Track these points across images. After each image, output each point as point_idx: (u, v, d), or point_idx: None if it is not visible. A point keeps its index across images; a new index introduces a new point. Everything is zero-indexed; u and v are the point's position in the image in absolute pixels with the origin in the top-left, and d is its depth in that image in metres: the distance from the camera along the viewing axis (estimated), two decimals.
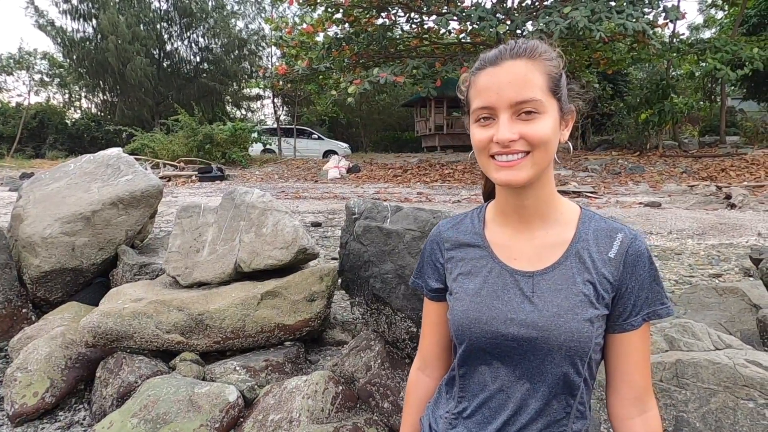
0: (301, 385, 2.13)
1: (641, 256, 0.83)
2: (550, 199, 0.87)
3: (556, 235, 0.86)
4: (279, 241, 2.79)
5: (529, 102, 0.79)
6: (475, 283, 0.88)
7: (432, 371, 1.03)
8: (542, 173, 0.83)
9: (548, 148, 0.81)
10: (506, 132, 0.80)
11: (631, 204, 8.14)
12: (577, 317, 0.80)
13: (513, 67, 0.80)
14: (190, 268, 2.86)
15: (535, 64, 0.81)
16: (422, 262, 1.01)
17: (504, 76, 0.80)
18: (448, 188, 10.64)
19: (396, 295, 2.10)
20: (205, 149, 14.70)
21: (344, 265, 2.27)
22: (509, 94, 0.80)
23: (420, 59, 11.72)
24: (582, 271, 0.83)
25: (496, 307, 0.84)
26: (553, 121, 0.81)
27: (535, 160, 0.81)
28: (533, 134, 0.79)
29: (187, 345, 2.56)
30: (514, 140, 0.80)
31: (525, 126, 0.80)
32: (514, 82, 0.80)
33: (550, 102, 0.81)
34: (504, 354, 0.84)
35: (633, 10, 8.86)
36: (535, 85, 0.79)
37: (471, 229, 0.94)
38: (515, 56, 0.81)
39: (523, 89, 0.79)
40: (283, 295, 2.68)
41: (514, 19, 10.09)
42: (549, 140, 0.80)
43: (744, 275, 3.87)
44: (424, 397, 1.03)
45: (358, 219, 2.21)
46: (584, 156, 13.18)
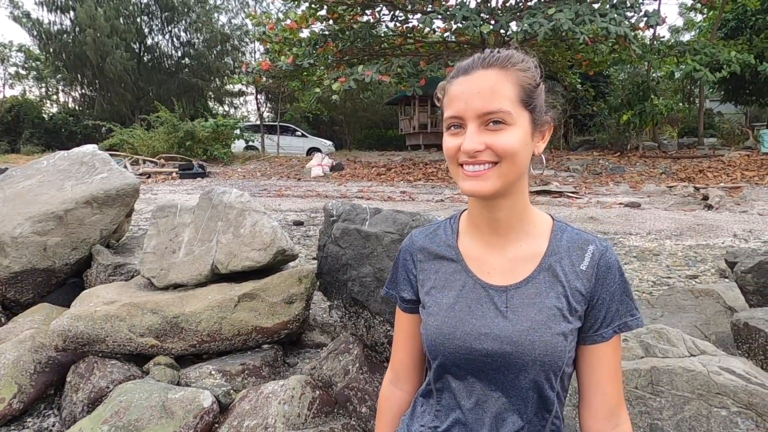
0: (277, 390, 2.10)
1: (612, 269, 0.83)
2: (522, 212, 0.85)
3: (528, 248, 0.85)
4: (257, 242, 2.74)
5: (496, 113, 0.78)
6: (449, 297, 0.87)
7: (404, 384, 1.01)
8: (512, 185, 0.81)
9: (516, 160, 0.79)
10: (472, 142, 0.79)
11: (612, 204, 8.24)
12: (551, 331, 0.79)
13: (483, 78, 0.79)
14: (166, 270, 2.80)
15: (507, 75, 0.79)
16: (395, 272, 0.99)
17: (473, 86, 0.79)
18: (432, 187, 10.65)
19: (374, 299, 2.07)
20: (187, 146, 14.48)
21: (322, 268, 2.24)
22: (477, 104, 0.79)
23: (405, 58, 11.70)
24: (555, 284, 0.82)
25: (469, 323, 0.83)
26: (522, 133, 0.79)
27: (502, 171, 0.79)
28: (499, 145, 0.78)
29: (161, 348, 2.50)
30: (480, 150, 0.79)
31: (492, 137, 0.79)
32: (483, 93, 0.79)
33: (521, 113, 0.79)
34: (478, 369, 0.82)
35: (616, 14, 8.96)
36: (503, 96, 0.78)
37: (444, 240, 0.92)
38: (487, 66, 0.80)
39: (490, 100, 0.78)
40: (261, 297, 2.64)
41: (498, 19, 10.13)
42: (516, 152, 0.78)
43: (719, 276, 3.93)
44: (397, 412, 1.01)
45: (336, 221, 2.17)
46: (566, 156, 13.31)
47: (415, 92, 11.25)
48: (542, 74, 0.85)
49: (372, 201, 9.26)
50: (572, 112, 17.91)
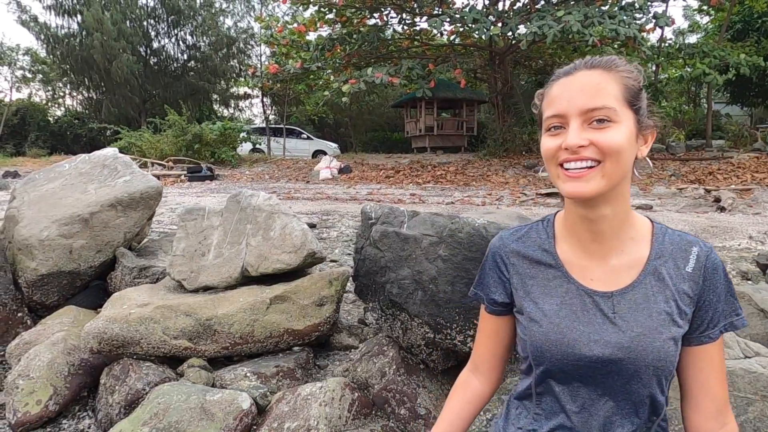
0: (316, 392, 2.10)
1: (717, 269, 0.83)
2: (625, 217, 0.85)
3: (631, 253, 0.85)
4: (287, 244, 2.75)
5: (601, 109, 0.78)
6: (552, 304, 0.86)
7: (481, 376, 1.02)
8: (615, 188, 0.80)
9: (621, 159, 0.78)
10: (575, 137, 0.79)
11: None
12: (662, 336, 0.79)
13: (587, 76, 0.80)
14: (196, 272, 2.81)
15: (611, 74, 0.80)
16: (483, 273, 0.99)
17: (577, 84, 0.80)
18: (441, 189, 10.65)
19: (413, 301, 2.08)
20: (194, 148, 14.52)
21: (359, 270, 2.25)
22: (581, 100, 0.79)
23: (414, 60, 11.73)
24: (662, 288, 0.82)
25: (577, 329, 0.83)
26: (627, 132, 0.79)
27: (606, 170, 0.78)
28: (604, 141, 0.78)
29: (194, 351, 2.51)
30: (584, 146, 0.78)
31: (596, 133, 0.78)
32: (587, 90, 0.79)
33: (626, 112, 0.79)
34: (586, 375, 0.83)
35: (624, 16, 8.97)
36: (608, 93, 0.78)
37: (539, 244, 0.92)
38: (590, 67, 0.81)
39: (595, 96, 0.78)
40: (292, 299, 2.65)
41: (507, 21, 10.15)
42: (621, 150, 0.78)
43: (742, 278, 3.92)
44: (470, 397, 1.02)
45: (374, 224, 2.18)
46: None
47: (425, 94, 11.27)
48: (645, 79, 0.85)
49: (382, 203, 9.27)
50: None
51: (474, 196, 9.83)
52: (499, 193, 10.00)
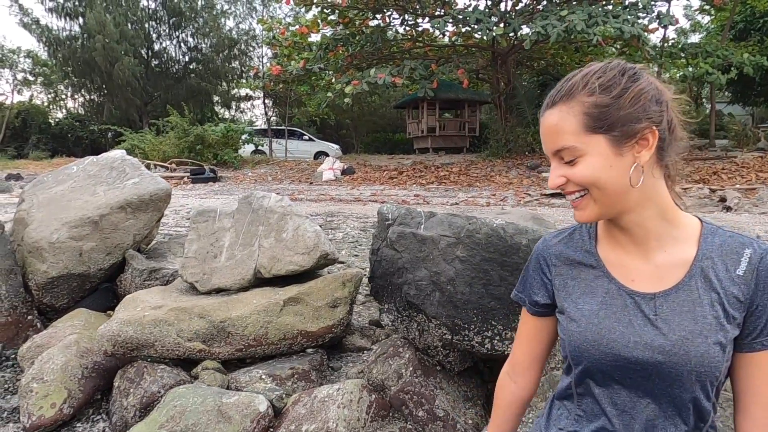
0: (333, 394, 2.09)
1: None
2: (661, 218, 0.83)
3: (676, 253, 0.83)
4: (300, 246, 2.75)
5: (562, 150, 0.81)
6: (592, 304, 0.86)
7: (519, 378, 1.02)
8: (624, 204, 0.80)
9: (602, 185, 0.79)
10: (552, 179, 0.84)
11: None
12: (707, 341, 0.77)
13: (548, 119, 0.83)
14: (208, 274, 2.81)
15: (570, 107, 0.80)
16: (526, 276, 0.99)
17: (543, 127, 0.84)
18: (445, 190, 10.64)
19: (431, 302, 2.07)
20: (197, 150, 14.52)
21: (375, 272, 2.24)
22: (548, 144, 0.84)
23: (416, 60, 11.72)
24: (708, 290, 0.80)
25: (616, 330, 0.82)
26: (597, 159, 0.78)
27: (595, 197, 0.80)
28: (574, 176, 0.81)
29: (208, 353, 2.50)
30: (562, 184, 0.83)
31: (567, 169, 0.82)
32: (548, 133, 0.82)
33: (591, 140, 0.78)
34: (625, 376, 0.81)
35: (629, 15, 8.96)
36: (565, 132, 0.80)
37: (582, 246, 0.92)
38: (551, 105, 0.83)
39: (555, 139, 0.81)
40: (306, 301, 2.64)
41: (510, 22, 10.14)
42: (595, 179, 0.79)
43: None
44: (511, 401, 1.03)
45: (391, 225, 2.17)
46: None
47: (427, 94, 11.27)
48: (626, 84, 0.79)
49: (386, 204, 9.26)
50: None
51: (478, 196, 9.81)
52: (503, 194, 9.99)
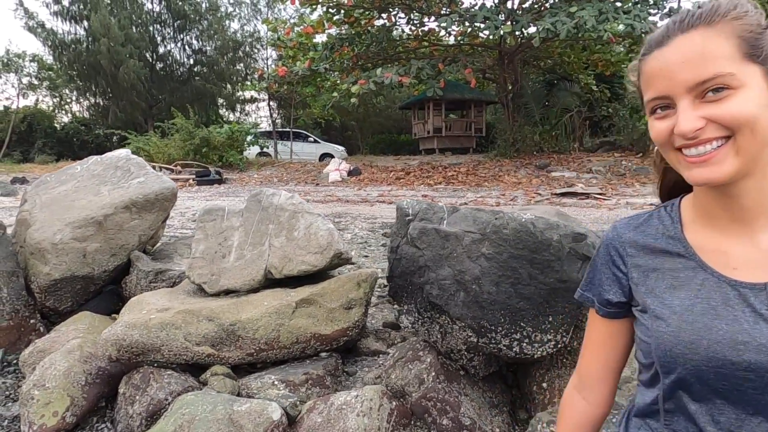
0: (351, 401, 1.96)
1: None
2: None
3: None
4: (313, 245, 2.62)
5: (713, 79, 0.63)
6: (682, 298, 0.71)
7: (589, 394, 0.87)
8: (756, 161, 0.65)
9: (756, 128, 0.63)
10: (687, 122, 0.65)
11: (642, 205, 8.05)
12: None
13: (684, 43, 0.65)
14: (217, 275, 2.68)
15: (717, 30, 0.64)
16: (593, 271, 0.84)
17: (674, 55, 0.66)
18: (453, 190, 10.50)
19: (455, 303, 1.94)
20: (202, 152, 14.44)
21: (394, 271, 2.11)
22: (684, 76, 0.65)
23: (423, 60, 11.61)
24: None
25: (718, 328, 0.67)
26: (756, 93, 0.64)
27: (740, 145, 0.64)
28: (726, 115, 0.63)
29: (218, 358, 2.38)
30: (700, 128, 0.65)
31: (714, 108, 0.64)
32: (689, 61, 0.64)
33: (748, 69, 0.64)
34: (732, 388, 0.67)
35: (639, 11, 8.81)
36: (718, 57, 0.64)
37: (663, 232, 0.77)
38: (686, 28, 0.66)
39: (701, 65, 0.64)
40: (319, 302, 2.51)
41: (518, 19, 10.01)
42: (752, 117, 0.63)
43: None
44: (578, 421, 0.88)
45: (412, 220, 2.04)
46: (586, 158, 13.12)
47: (436, 94, 11.14)
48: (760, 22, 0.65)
49: (393, 205, 9.14)
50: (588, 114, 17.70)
51: (487, 196, 9.66)
52: (512, 194, 9.83)
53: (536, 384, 2.10)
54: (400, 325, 2.33)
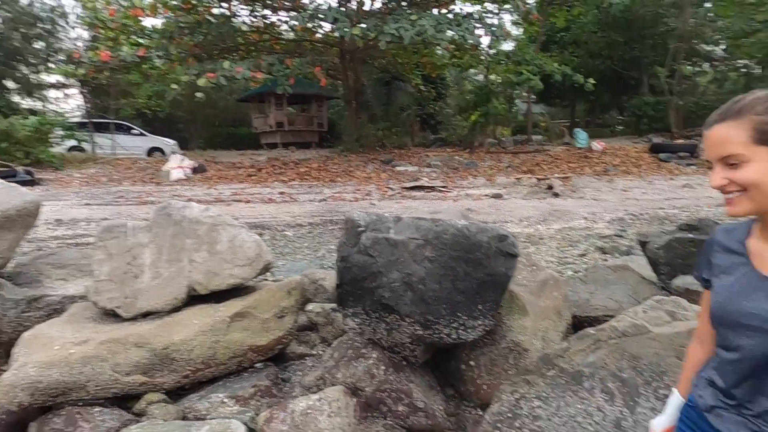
0: (316, 404, 2.08)
1: None
2: None
3: None
4: (240, 258, 2.60)
5: (729, 156, 1.00)
6: (728, 281, 1.07)
7: (706, 345, 1.21)
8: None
9: (761, 187, 0.98)
10: (713, 180, 1.03)
11: (479, 196, 9.23)
12: None
13: (716, 131, 1.02)
14: (132, 297, 2.50)
15: (738, 122, 0.99)
16: (700, 258, 1.19)
17: (713, 138, 1.02)
18: (309, 187, 10.64)
19: (404, 302, 2.18)
20: (3, 148, 12.07)
21: (344, 278, 2.25)
22: (716, 151, 1.02)
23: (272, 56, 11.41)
24: None
25: (740, 304, 1.02)
26: (761, 165, 0.98)
27: (751, 196, 1.00)
28: (737, 178, 1.00)
29: (151, 385, 2.25)
30: (724, 185, 1.02)
31: (731, 173, 1.00)
32: (718, 143, 1.01)
33: (756, 151, 0.99)
34: (738, 332, 1.03)
35: (468, 25, 9.98)
36: (734, 143, 0.99)
37: (737, 238, 1.11)
38: (722, 120, 1.02)
39: (724, 148, 1.00)
40: (253, 314, 2.52)
41: (365, 23, 10.50)
42: (757, 181, 0.98)
43: (601, 253, 4.80)
44: (696, 363, 1.22)
45: (364, 231, 2.21)
46: (424, 153, 14.37)
47: (286, 90, 11.08)
48: None
49: (252, 204, 8.94)
50: (419, 112, 19.28)
51: (344, 192, 10.03)
52: (366, 189, 10.37)
53: (464, 363, 2.46)
54: (346, 327, 2.48)
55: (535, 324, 2.52)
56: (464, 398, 2.46)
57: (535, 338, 2.46)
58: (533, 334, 2.48)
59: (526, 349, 2.37)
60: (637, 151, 13.84)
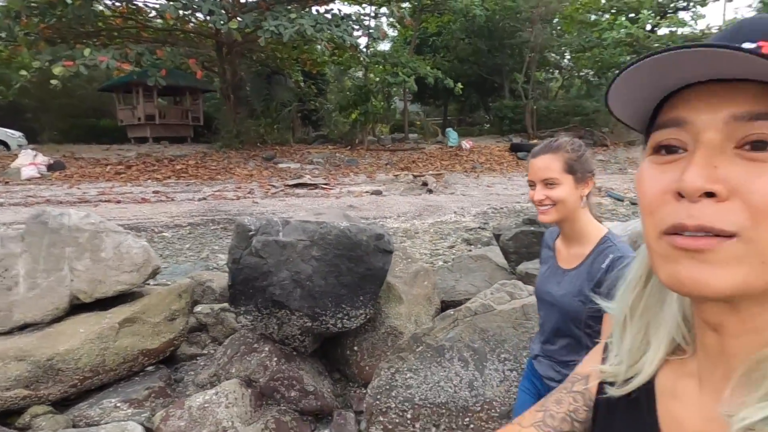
0: (213, 398, 2.23)
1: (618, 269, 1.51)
2: (577, 229, 1.43)
3: (579, 250, 1.44)
4: (126, 264, 2.62)
5: (549, 178, 1.39)
6: (543, 269, 1.50)
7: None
8: (567, 217, 1.40)
9: (565, 203, 1.38)
10: (537, 195, 1.40)
11: (360, 193, 9.64)
12: (575, 299, 1.43)
13: (543, 160, 1.40)
14: (7, 311, 2.40)
15: (557, 156, 1.39)
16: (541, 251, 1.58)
17: (538, 165, 1.40)
18: (186, 185, 10.20)
19: (294, 298, 2.41)
20: None
21: (236, 279, 2.41)
22: (539, 175, 1.40)
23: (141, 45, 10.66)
24: (586, 274, 1.42)
25: (545, 286, 1.45)
26: (567, 188, 1.38)
27: (558, 209, 1.39)
28: (552, 196, 1.39)
29: (35, 398, 2.22)
30: (542, 200, 1.40)
31: (550, 191, 1.39)
32: (542, 168, 1.40)
33: (566, 177, 1.39)
34: (543, 305, 1.47)
35: (346, 26, 10.32)
36: (552, 169, 1.39)
37: (553, 238, 1.53)
38: (545, 152, 1.41)
39: (546, 173, 1.39)
40: (143, 319, 2.57)
41: (242, 17, 10.30)
42: (563, 199, 1.38)
43: (467, 244, 5.42)
44: None
45: (255, 235, 2.39)
46: (306, 149, 14.47)
47: (158, 83, 10.46)
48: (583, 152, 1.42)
49: (123, 204, 8.39)
50: (300, 108, 19.27)
51: (224, 190, 9.81)
52: (248, 186, 10.24)
53: (348, 348, 2.76)
54: (239, 324, 2.62)
55: (409, 310, 2.92)
56: (350, 380, 2.76)
57: (409, 322, 2.85)
58: (407, 318, 2.87)
59: (402, 332, 2.74)
60: (499, 150, 15.35)
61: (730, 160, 0.36)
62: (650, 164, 0.40)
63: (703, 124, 0.37)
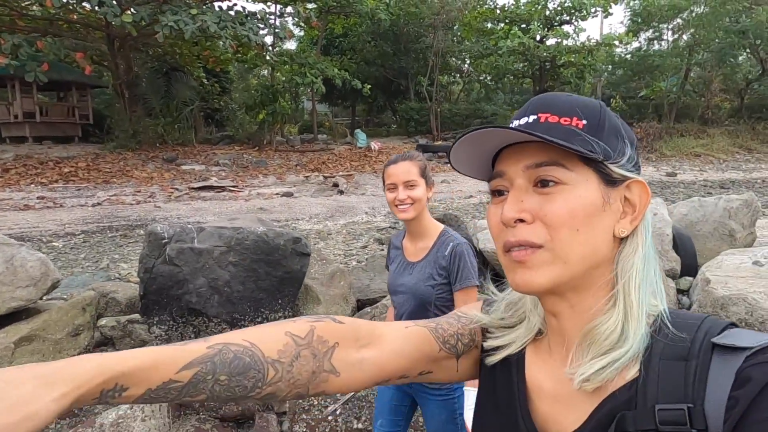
0: (128, 412, 2.16)
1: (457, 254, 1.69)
2: (423, 226, 1.64)
3: (424, 244, 1.65)
4: (21, 278, 2.44)
5: (410, 180, 1.58)
6: (393, 267, 1.68)
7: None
8: (419, 214, 1.60)
9: (421, 202, 1.59)
10: (400, 196, 1.58)
11: (271, 195, 9.51)
12: (425, 284, 1.61)
13: (403, 165, 1.59)
14: None
15: (414, 163, 1.60)
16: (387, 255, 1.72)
17: (399, 169, 1.59)
18: (77, 189, 9.39)
19: (211, 305, 2.41)
20: None
21: (148, 289, 2.35)
22: (402, 177, 1.58)
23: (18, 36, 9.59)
24: (432, 262, 1.64)
25: (397, 279, 1.64)
26: (422, 189, 1.60)
27: (415, 208, 1.59)
28: (413, 195, 1.58)
29: None
30: (405, 199, 1.58)
31: (410, 192, 1.58)
32: (402, 172, 1.59)
33: (421, 180, 1.60)
34: (398, 296, 1.64)
35: (252, 24, 10.08)
36: (412, 173, 1.59)
37: (400, 239, 1.71)
38: (404, 159, 1.60)
39: (407, 176, 1.58)
40: (42, 336, 2.42)
41: (138, 10, 9.67)
42: (420, 198, 1.59)
43: (379, 244, 5.60)
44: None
45: (168, 243, 2.33)
46: (211, 150, 13.91)
47: (38, 78, 9.49)
48: (427, 163, 1.64)
49: (1, 212, 7.56)
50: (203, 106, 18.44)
51: (122, 194, 9.18)
52: (149, 190, 9.66)
53: None
54: (152, 335, 2.53)
55: (326, 310, 3.00)
56: None
57: None
58: None
59: None
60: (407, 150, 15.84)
61: (530, 195, 0.52)
62: (491, 204, 0.57)
63: (513, 173, 0.53)
